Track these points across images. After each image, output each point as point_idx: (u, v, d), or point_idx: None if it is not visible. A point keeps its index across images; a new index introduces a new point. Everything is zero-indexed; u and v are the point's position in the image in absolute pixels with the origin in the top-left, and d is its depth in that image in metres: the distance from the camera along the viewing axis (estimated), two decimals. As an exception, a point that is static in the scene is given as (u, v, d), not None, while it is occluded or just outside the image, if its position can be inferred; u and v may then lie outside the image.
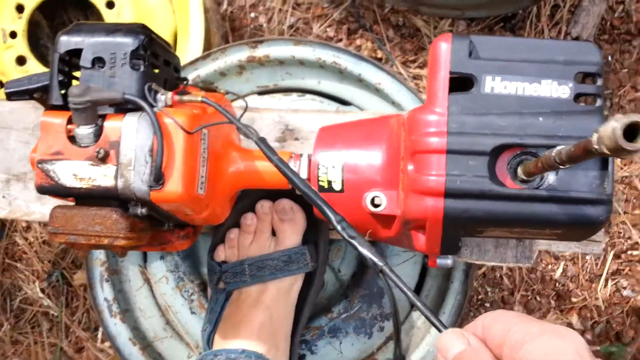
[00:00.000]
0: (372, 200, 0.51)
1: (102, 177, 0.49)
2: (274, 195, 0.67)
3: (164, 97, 0.51)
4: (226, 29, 1.10)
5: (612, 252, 1.02)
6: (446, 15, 1.00)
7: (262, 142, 0.51)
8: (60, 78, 0.51)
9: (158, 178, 0.49)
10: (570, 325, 1.01)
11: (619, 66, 1.05)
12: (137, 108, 0.49)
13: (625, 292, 1.03)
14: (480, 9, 0.96)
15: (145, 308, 0.80)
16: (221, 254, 0.69)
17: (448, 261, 0.55)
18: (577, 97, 0.44)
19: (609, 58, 1.04)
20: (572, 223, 0.43)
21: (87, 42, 0.50)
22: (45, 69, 0.98)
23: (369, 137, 0.52)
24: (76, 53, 0.51)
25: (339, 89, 0.81)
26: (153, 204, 0.50)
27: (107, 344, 1.15)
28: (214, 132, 0.55)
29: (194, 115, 0.51)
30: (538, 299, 1.04)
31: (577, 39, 0.95)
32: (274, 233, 0.68)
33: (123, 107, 0.50)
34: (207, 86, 0.60)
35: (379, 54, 1.07)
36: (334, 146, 0.54)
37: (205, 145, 0.53)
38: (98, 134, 0.49)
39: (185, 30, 0.96)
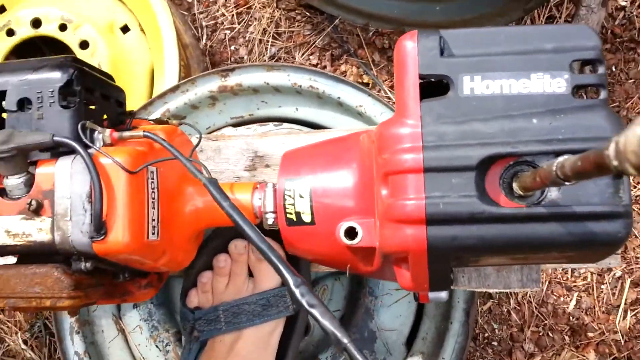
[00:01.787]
0: (347, 231, 0.43)
1: (37, 231, 0.42)
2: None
3: (102, 135, 0.44)
4: (206, 63, 1.05)
5: (630, 280, 0.92)
6: (433, 30, 0.94)
7: (211, 184, 0.43)
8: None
9: (99, 228, 0.41)
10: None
11: (625, 77, 0.97)
12: (71, 151, 0.43)
13: (646, 324, 0.92)
14: (469, 25, 0.91)
15: (120, 361, 0.73)
16: (194, 299, 0.61)
17: (442, 294, 0.47)
18: (576, 89, 0.36)
19: (613, 68, 0.96)
20: (584, 243, 0.35)
21: (11, 82, 0.44)
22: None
23: (337, 158, 0.45)
24: (2, 95, 0.45)
25: (319, 116, 0.74)
26: (97, 256, 0.43)
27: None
28: (165, 168, 0.47)
29: (136, 153, 0.44)
30: (551, 335, 0.93)
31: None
32: (251, 274, 0.60)
33: (56, 151, 0.43)
34: (161, 119, 0.53)
35: (365, 79, 1.00)
36: (299, 172, 0.46)
37: (155, 184, 0.46)
38: (29, 183, 0.43)
39: (162, 68, 0.91)
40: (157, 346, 0.69)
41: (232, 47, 1.04)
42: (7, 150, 0.41)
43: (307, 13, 1.02)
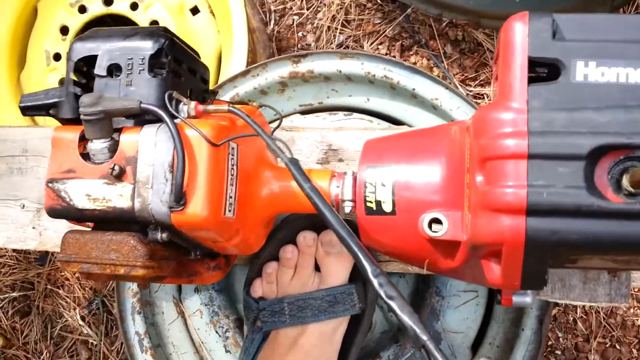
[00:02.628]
0: (431, 223, 0.41)
1: (118, 197, 0.42)
2: (318, 225, 0.58)
3: (187, 107, 0.44)
4: (273, 49, 1.05)
5: None
6: (509, 26, 0.91)
7: (292, 164, 0.43)
8: (75, 89, 0.45)
9: (179, 198, 0.41)
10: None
11: None
12: (156, 119, 0.42)
13: None
14: None
15: (179, 343, 0.73)
16: (258, 289, 0.60)
17: (527, 299, 0.45)
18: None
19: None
20: None
21: (103, 48, 0.44)
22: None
23: (426, 148, 0.43)
24: (93, 61, 0.45)
25: (390, 107, 0.72)
26: (174, 228, 0.42)
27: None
28: (244, 148, 0.47)
29: (220, 127, 0.43)
30: (618, 347, 0.89)
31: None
32: (317, 268, 0.59)
33: (142, 118, 0.43)
34: (240, 100, 0.53)
35: (435, 72, 0.98)
36: (382, 161, 0.45)
37: (234, 161, 0.45)
38: (113, 149, 0.43)
39: (230, 51, 0.91)
40: (216, 332, 0.69)
41: (300, 34, 1.04)
42: (95, 112, 0.41)
43: (378, 1, 1.01)
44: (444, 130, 0.43)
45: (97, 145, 0.42)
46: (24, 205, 0.70)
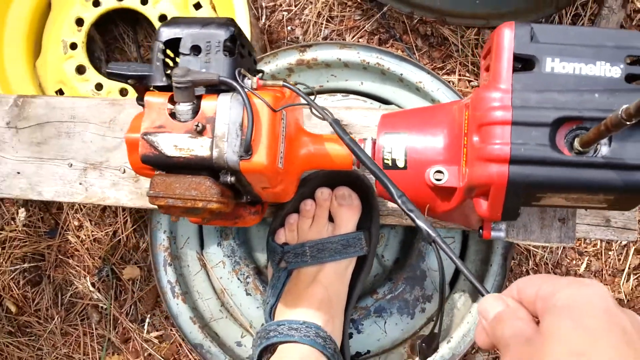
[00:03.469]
0: (435, 174, 0.54)
1: (199, 147, 0.52)
2: (332, 183, 0.71)
3: (250, 81, 0.55)
4: (264, 41, 1.14)
5: (634, 248, 1.05)
6: (472, 24, 1.04)
7: (335, 123, 0.55)
8: (162, 64, 0.55)
9: (247, 149, 0.52)
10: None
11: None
12: (229, 89, 0.53)
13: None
14: (504, 18, 0.99)
15: (203, 291, 0.83)
16: (282, 236, 0.72)
17: (501, 233, 0.58)
18: (628, 78, 0.47)
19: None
20: (627, 188, 0.46)
21: (186, 33, 0.55)
22: (102, 78, 1.03)
23: (431, 121, 0.56)
24: (172, 43, 0.55)
25: (381, 89, 0.85)
26: (240, 173, 0.54)
27: (153, 334, 1.16)
28: (288, 115, 0.58)
29: (277, 97, 0.55)
30: None
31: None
32: (330, 219, 0.71)
33: (216, 88, 0.54)
34: (275, 77, 0.63)
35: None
36: (397, 129, 0.57)
37: (284, 125, 0.57)
38: (196, 110, 0.53)
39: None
40: (238, 278, 0.80)
41: (289, 28, 1.14)
42: (185, 82, 0.52)
43: (358, 0, 1.12)
44: (446, 107, 0.56)
45: (184, 108, 0.53)
46: (71, 164, 0.79)
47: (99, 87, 1.04)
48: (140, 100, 0.58)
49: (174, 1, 1.04)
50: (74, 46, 1.04)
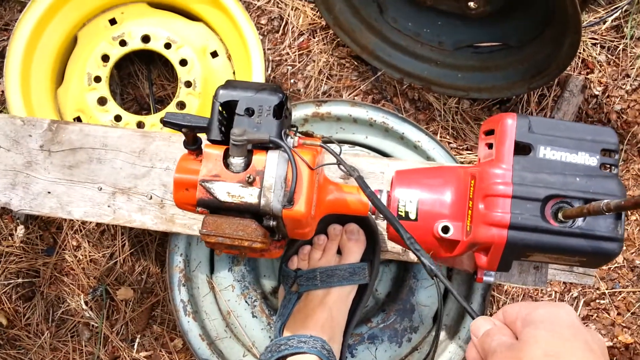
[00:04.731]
0: (443, 228, 0.63)
1: (249, 195, 0.59)
2: (341, 220, 0.79)
3: (292, 140, 0.63)
4: (270, 89, 1.22)
5: (583, 300, 1.16)
6: (453, 94, 1.16)
7: (360, 179, 0.63)
8: (219, 121, 0.62)
9: (290, 200, 0.60)
10: None
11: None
12: (277, 147, 0.61)
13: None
14: (482, 92, 1.12)
15: (210, 312, 0.88)
16: (295, 263, 0.79)
17: (491, 278, 0.67)
18: (602, 166, 0.58)
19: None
20: (597, 253, 0.57)
21: (242, 96, 0.62)
22: (121, 110, 1.08)
23: (441, 181, 0.65)
24: (227, 103, 0.62)
25: (383, 144, 0.94)
26: (281, 219, 0.61)
27: (142, 354, 1.19)
28: (319, 169, 0.66)
29: (314, 155, 0.63)
30: None
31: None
32: (338, 252, 0.79)
33: (264, 145, 0.61)
34: (304, 131, 0.71)
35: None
36: (411, 185, 0.66)
37: (318, 178, 0.64)
38: (247, 164, 0.60)
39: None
40: (246, 301, 0.86)
41: (292, 80, 1.23)
42: (242, 140, 0.59)
43: (356, 62, 1.22)
44: (453, 170, 0.65)
45: (237, 161, 0.60)
46: (101, 188, 0.83)
47: (117, 118, 1.09)
48: (187, 145, 0.65)
49: (194, 48, 1.11)
50: (98, 79, 1.09)
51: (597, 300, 1.16)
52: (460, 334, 0.84)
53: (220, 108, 0.62)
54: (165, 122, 0.63)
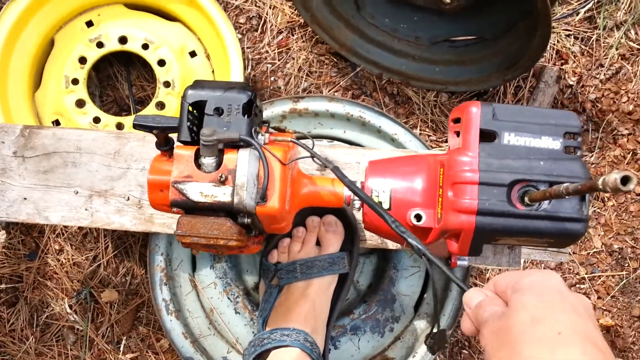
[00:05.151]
0: (415, 216, 0.64)
1: (222, 194, 0.60)
2: (319, 212, 0.80)
3: (263, 137, 0.64)
4: (250, 89, 1.23)
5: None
6: (432, 88, 1.17)
7: (336, 169, 0.64)
8: (188, 122, 0.62)
9: (263, 197, 0.61)
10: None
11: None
12: (247, 145, 0.62)
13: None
14: (460, 85, 1.14)
15: (193, 310, 0.89)
16: (274, 257, 0.80)
17: (465, 263, 0.69)
18: (565, 149, 0.60)
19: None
20: (562, 234, 0.58)
21: (210, 96, 0.63)
22: (100, 112, 1.08)
23: (411, 170, 0.66)
24: (197, 103, 0.63)
25: (361, 138, 0.95)
26: (256, 215, 0.62)
27: (128, 355, 1.19)
28: (292, 163, 0.67)
29: (286, 151, 0.64)
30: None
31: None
32: (317, 243, 0.80)
33: (235, 144, 0.62)
34: (276, 127, 0.72)
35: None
36: (383, 175, 0.67)
37: (291, 172, 0.65)
38: (219, 163, 0.61)
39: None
40: (228, 298, 0.87)
41: (272, 78, 1.24)
42: (212, 140, 0.59)
43: (335, 59, 1.23)
44: (424, 159, 0.66)
45: (209, 161, 0.61)
46: (77, 192, 0.83)
47: (96, 120, 1.09)
48: (159, 146, 0.65)
49: (172, 48, 1.11)
50: (75, 81, 1.09)
51: (578, 285, 1.18)
52: (441, 322, 0.86)
53: (190, 108, 0.63)
54: (135, 125, 0.64)
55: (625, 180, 0.41)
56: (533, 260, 1.17)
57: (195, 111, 0.64)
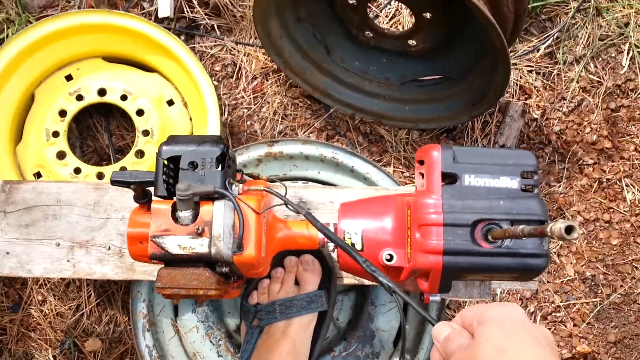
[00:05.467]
0: (386, 256, 0.66)
1: (199, 246, 0.62)
2: (296, 252, 0.82)
3: (237, 188, 0.67)
4: (226, 133, 1.26)
5: (540, 314, 1.21)
6: (403, 126, 1.22)
7: (308, 215, 0.67)
8: (164, 177, 0.65)
9: (239, 246, 0.63)
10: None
11: (535, 169, 1.29)
12: (222, 197, 0.64)
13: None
14: (430, 122, 1.18)
15: (176, 355, 0.90)
16: (255, 298, 0.82)
17: (437, 298, 0.71)
18: (523, 187, 0.63)
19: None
20: (525, 270, 0.61)
21: (184, 150, 0.65)
22: (80, 163, 1.10)
23: (381, 210, 0.69)
24: (172, 158, 0.66)
25: (335, 178, 0.98)
26: (233, 264, 0.64)
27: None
28: (267, 211, 0.70)
29: (259, 200, 0.66)
30: None
31: (503, 147, 1.19)
32: (296, 282, 0.82)
33: (210, 196, 0.65)
34: (249, 173, 0.75)
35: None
36: (354, 216, 0.69)
37: (266, 220, 0.68)
38: (195, 215, 0.63)
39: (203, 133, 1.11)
40: (211, 341, 0.88)
41: (248, 122, 1.27)
42: (187, 194, 0.62)
43: (309, 102, 1.27)
44: (392, 199, 0.69)
45: (185, 214, 0.63)
46: (59, 244, 0.85)
47: (77, 170, 1.11)
48: (137, 199, 0.67)
49: (150, 98, 1.14)
50: (56, 134, 1.12)
51: (554, 314, 1.21)
52: (419, 356, 0.87)
53: (166, 162, 0.65)
54: (113, 182, 0.66)
55: (569, 230, 0.44)
56: (509, 290, 1.19)
57: (171, 164, 0.66)
